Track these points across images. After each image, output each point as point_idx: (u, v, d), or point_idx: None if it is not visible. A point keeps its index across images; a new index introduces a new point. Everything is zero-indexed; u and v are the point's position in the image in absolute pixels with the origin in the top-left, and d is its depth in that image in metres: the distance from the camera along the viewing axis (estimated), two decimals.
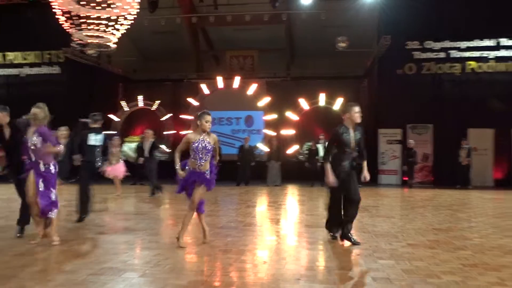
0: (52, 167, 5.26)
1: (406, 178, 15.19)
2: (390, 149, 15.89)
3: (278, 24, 18.18)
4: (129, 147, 17.57)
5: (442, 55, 15.61)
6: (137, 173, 13.90)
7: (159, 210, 8.83)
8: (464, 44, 15.50)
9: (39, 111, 5.23)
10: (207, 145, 5.04)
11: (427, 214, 7.99)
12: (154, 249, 5.00)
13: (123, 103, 19.50)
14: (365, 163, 5.59)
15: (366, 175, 5.53)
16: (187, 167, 5.13)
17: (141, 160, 11.97)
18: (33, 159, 5.17)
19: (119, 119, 19.35)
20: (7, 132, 5.60)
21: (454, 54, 15.56)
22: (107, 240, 5.57)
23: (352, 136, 5.42)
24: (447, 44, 15.56)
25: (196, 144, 5.01)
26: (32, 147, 5.15)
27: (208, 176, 5.11)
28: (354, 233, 5.39)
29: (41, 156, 5.17)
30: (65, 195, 8.00)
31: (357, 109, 5.47)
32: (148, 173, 11.29)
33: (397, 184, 15.50)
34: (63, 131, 8.09)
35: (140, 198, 10.70)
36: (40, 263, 4.48)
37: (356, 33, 17.27)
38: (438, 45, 15.60)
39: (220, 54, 21.61)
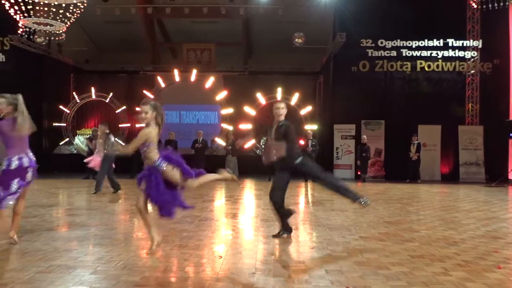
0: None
1: (360, 173, 15.65)
2: (345, 144, 16.29)
3: (236, 18, 18.15)
4: (81, 140, 16.98)
5: (394, 53, 16.15)
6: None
7: (113, 205, 8.60)
8: (414, 44, 16.10)
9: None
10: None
11: (378, 208, 8.26)
12: (107, 245, 4.87)
13: (75, 95, 18.86)
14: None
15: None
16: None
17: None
18: None
19: (68, 111, 18.70)
20: None
21: (405, 53, 16.14)
22: (57, 237, 5.36)
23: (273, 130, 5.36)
24: (398, 43, 16.11)
25: None
26: None
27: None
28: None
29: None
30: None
31: (276, 105, 5.46)
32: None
33: (351, 178, 15.92)
34: None
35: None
36: None
37: (313, 30, 17.55)
38: (390, 43, 16.12)
39: (177, 47, 21.31)
